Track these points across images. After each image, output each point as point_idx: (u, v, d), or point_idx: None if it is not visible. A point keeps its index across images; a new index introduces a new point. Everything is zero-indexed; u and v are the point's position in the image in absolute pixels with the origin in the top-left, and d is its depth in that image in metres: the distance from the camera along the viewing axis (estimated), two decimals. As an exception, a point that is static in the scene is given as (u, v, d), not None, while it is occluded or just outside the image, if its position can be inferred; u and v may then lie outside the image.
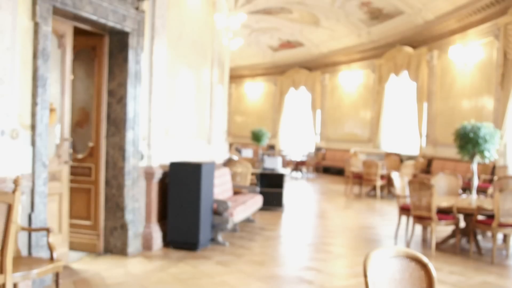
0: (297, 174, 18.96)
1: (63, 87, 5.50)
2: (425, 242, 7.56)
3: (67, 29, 5.50)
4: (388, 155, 15.87)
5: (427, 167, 14.12)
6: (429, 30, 14.71)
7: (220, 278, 5.44)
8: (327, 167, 19.57)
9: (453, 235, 7.26)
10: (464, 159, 7.27)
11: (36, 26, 4.62)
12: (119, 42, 6.14)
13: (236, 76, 23.59)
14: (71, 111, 5.71)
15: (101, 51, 6.19)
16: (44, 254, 4.60)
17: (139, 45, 6.25)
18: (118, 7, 5.75)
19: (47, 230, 4.25)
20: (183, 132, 7.60)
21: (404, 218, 7.72)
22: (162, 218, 6.82)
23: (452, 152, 9.65)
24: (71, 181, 5.88)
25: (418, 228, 7.74)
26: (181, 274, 5.52)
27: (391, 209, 10.73)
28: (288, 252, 7.08)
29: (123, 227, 6.14)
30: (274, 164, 10.57)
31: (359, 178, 13.50)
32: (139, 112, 6.30)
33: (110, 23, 5.69)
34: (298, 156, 19.30)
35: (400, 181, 7.87)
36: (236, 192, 8.87)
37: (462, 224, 7.23)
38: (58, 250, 4.77)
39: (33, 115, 4.66)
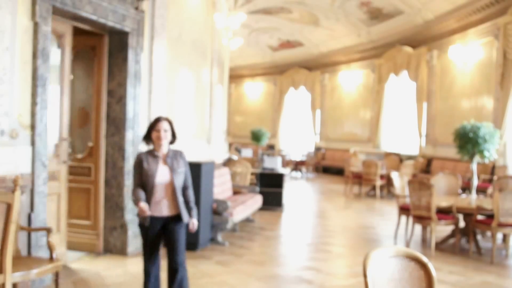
0: (297, 174, 18.96)
1: (62, 87, 5.50)
2: (424, 242, 7.55)
3: (67, 29, 5.50)
4: (387, 155, 15.86)
5: (427, 167, 14.12)
6: (429, 30, 14.70)
7: (219, 278, 5.44)
8: (326, 167, 19.57)
9: (452, 235, 7.26)
10: (464, 159, 7.26)
11: (35, 26, 4.62)
12: (119, 42, 6.13)
13: (235, 76, 23.58)
14: (70, 111, 5.71)
15: (100, 51, 6.19)
16: (44, 254, 4.59)
17: (139, 45, 6.25)
18: (117, 7, 5.75)
19: (47, 230, 4.25)
20: (182, 131, 7.59)
21: (403, 218, 7.72)
22: (162, 218, 6.80)
23: (451, 152, 9.65)
24: (71, 181, 5.88)
25: (418, 228, 7.73)
26: (180, 274, 5.50)
27: (390, 209, 10.73)
28: (287, 252, 7.08)
29: (123, 227, 6.14)
30: (273, 164, 10.56)
31: (358, 178, 13.49)
32: (138, 112, 6.30)
33: (110, 23, 5.69)
34: (297, 156, 19.30)
35: (399, 181, 7.87)
36: (236, 192, 8.86)
37: (462, 224, 7.23)
38: (56, 249, 4.76)
39: (33, 114, 4.65)
